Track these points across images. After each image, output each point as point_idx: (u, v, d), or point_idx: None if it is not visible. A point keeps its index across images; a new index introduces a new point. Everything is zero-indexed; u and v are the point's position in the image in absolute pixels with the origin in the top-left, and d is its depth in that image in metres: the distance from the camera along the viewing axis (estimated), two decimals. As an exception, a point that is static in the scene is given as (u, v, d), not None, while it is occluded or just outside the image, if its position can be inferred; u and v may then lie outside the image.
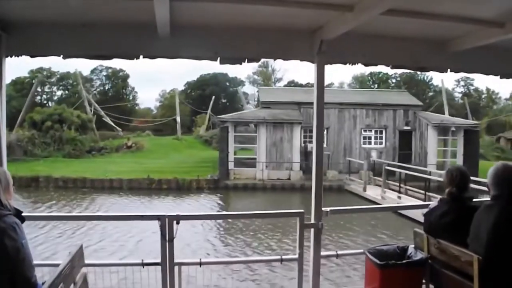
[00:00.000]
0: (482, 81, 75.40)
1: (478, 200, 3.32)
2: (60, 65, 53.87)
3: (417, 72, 48.08)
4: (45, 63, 52.20)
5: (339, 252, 3.97)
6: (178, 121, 40.31)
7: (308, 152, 24.25)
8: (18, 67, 49.39)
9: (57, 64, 54.37)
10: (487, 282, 2.59)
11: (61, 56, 3.30)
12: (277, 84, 58.90)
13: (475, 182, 10.72)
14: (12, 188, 2.46)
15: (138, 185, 22.11)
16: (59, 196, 19.80)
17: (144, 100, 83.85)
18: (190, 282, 3.50)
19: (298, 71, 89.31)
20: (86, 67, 57.59)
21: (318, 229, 3.58)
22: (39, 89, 53.09)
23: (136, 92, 59.49)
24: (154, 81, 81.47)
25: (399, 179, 17.84)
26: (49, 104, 48.71)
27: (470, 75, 44.10)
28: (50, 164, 25.79)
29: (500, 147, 35.54)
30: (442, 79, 44.93)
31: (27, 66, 54.81)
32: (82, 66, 62.21)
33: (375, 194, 17.89)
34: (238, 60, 3.57)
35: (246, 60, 3.57)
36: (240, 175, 23.48)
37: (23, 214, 2.46)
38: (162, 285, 3.37)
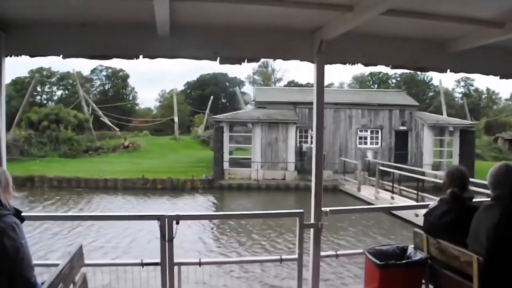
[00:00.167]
0: (482, 81, 75.52)
1: (478, 200, 3.32)
2: (60, 65, 53.96)
3: (417, 72, 48.12)
4: (45, 63, 52.26)
5: (339, 252, 3.96)
6: (176, 121, 40.40)
7: (303, 152, 24.30)
8: (18, 67, 49.44)
9: (57, 64, 54.47)
10: (488, 283, 2.58)
11: (60, 56, 3.30)
12: (277, 84, 58.97)
13: (471, 183, 10.66)
14: (11, 188, 2.46)
15: (132, 185, 22.12)
16: (54, 195, 19.73)
17: (144, 100, 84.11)
18: (183, 281, 3.49)
19: (298, 71, 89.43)
20: (86, 67, 57.63)
21: (318, 229, 3.58)
22: (39, 89, 53.13)
23: (136, 92, 59.69)
24: (154, 81, 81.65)
25: (393, 179, 17.74)
26: (49, 104, 48.70)
27: (470, 75, 44.19)
28: (46, 164, 25.78)
29: (498, 148, 35.44)
30: (440, 79, 44.94)
31: (27, 66, 54.88)
32: (82, 66, 62.23)
33: (369, 194, 17.90)
34: (238, 60, 3.57)
35: (246, 60, 3.57)
36: (235, 175, 23.48)
37: (22, 214, 2.46)
38: (161, 285, 3.37)
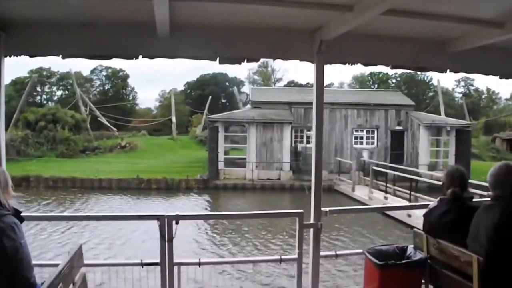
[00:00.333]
0: (482, 81, 75.55)
1: (478, 200, 3.32)
2: (59, 65, 53.94)
3: (417, 72, 48.12)
4: (45, 63, 52.26)
5: (338, 252, 3.97)
6: (174, 121, 40.49)
7: (298, 152, 24.33)
8: (18, 67, 49.47)
9: (56, 64, 54.47)
10: (488, 283, 2.58)
11: (60, 56, 3.30)
12: (277, 84, 58.97)
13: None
14: (11, 188, 2.46)
15: (127, 185, 22.12)
16: (50, 195, 19.75)
17: (144, 100, 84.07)
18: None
19: (298, 71, 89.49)
20: (86, 67, 57.61)
21: (318, 229, 3.58)
22: (39, 89, 53.17)
23: (136, 92, 59.66)
24: (154, 81, 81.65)
25: (389, 179, 17.69)
26: (49, 104, 48.68)
27: (470, 75, 44.19)
28: (43, 164, 25.77)
29: (496, 148, 35.34)
30: (438, 79, 44.92)
31: (27, 66, 54.88)
32: (82, 66, 62.28)
33: (363, 195, 17.90)
34: (238, 60, 3.57)
35: (246, 60, 3.57)
36: (230, 175, 23.46)
37: (22, 214, 2.45)
38: (161, 285, 3.37)
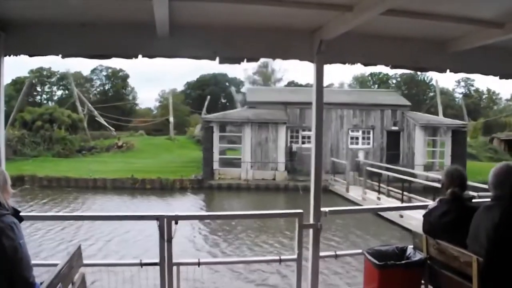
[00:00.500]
0: (483, 81, 75.61)
1: (478, 201, 3.31)
2: (60, 65, 53.99)
3: (417, 73, 48.17)
4: (45, 63, 52.29)
5: (338, 253, 3.96)
6: (171, 121, 40.56)
7: (293, 152, 24.30)
8: (18, 67, 49.54)
9: (57, 64, 54.49)
10: (488, 283, 2.58)
11: (60, 55, 3.30)
12: (277, 84, 58.93)
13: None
14: (10, 187, 2.45)
15: (121, 184, 22.15)
16: (45, 195, 19.71)
17: (144, 100, 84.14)
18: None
19: (298, 71, 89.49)
20: (86, 67, 57.62)
21: (317, 229, 3.58)
22: (39, 89, 53.22)
23: (136, 92, 59.68)
24: (154, 81, 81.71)
25: (385, 180, 17.63)
26: (49, 103, 48.70)
27: (470, 75, 44.19)
28: (39, 164, 25.78)
29: (493, 148, 35.23)
30: (436, 79, 44.91)
31: (27, 66, 54.90)
32: (83, 66, 62.29)
33: (357, 195, 17.89)
34: (237, 60, 3.57)
35: (245, 60, 3.56)
36: (225, 175, 23.46)
37: (21, 214, 2.45)
38: (160, 285, 3.37)
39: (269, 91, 34.89)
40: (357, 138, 25.81)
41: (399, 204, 14.40)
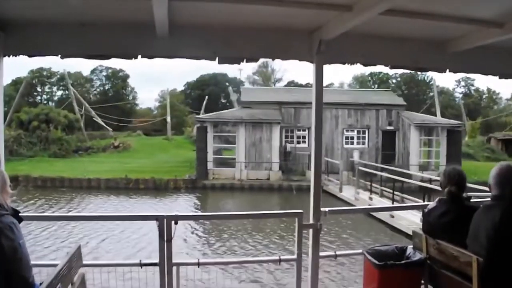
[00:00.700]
0: (483, 81, 75.63)
1: (477, 201, 3.31)
2: (60, 65, 53.85)
3: (417, 72, 48.11)
4: (45, 63, 52.29)
5: (338, 253, 3.96)
6: (168, 121, 40.63)
7: (288, 152, 24.29)
8: (18, 67, 49.55)
9: (57, 64, 54.45)
10: (488, 283, 2.58)
11: (59, 55, 3.30)
12: (277, 84, 58.97)
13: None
14: (9, 187, 2.45)
15: (115, 184, 22.16)
16: (39, 195, 19.66)
17: (145, 100, 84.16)
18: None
19: (297, 71, 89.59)
20: (86, 68, 57.63)
21: (317, 229, 3.58)
22: (39, 89, 53.23)
23: (136, 92, 59.67)
24: (154, 81, 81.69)
25: (379, 180, 17.55)
26: (49, 104, 48.70)
27: (470, 75, 44.17)
28: (35, 164, 25.76)
29: (491, 148, 35.02)
30: (434, 79, 44.81)
31: (27, 66, 54.92)
32: (83, 66, 62.25)
33: (350, 195, 17.90)
34: (237, 60, 3.56)
35: (245, 60, 3.56)
36: (219, 175, 23.46)
37: (20, 214, 2.45)
38: (160, 285, 3.37)
39: (264, 91, 34.90)
40: (352, 138, 25.75)
41: (390, 204, 14.46)
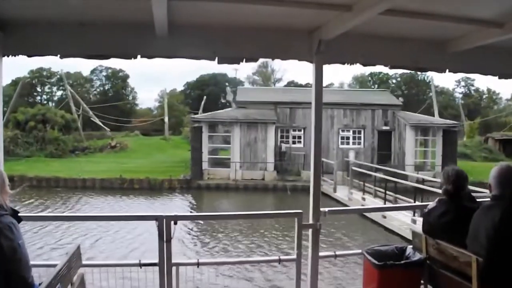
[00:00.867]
0: (483, 81, 75.61)
1: (477, 201, 3.31)
2: (60, 65, 53.80)
3: (417, 73, 48.13)
4: (45, 63, 52.26)
5: (337, 253, 3.95)
6: (166, 121, 40.67)
7: (283, 152, 24.28)
8: (18, 67, 49.57)
9: (57, 64, 54.38)
10: (488, 283, 2.58)
11: (58, 55, 3.29)
12: (276, 85, 58.96)
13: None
14: (8, 188, 2.45)
15: (110, 184, 22.19)
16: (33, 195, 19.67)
17: (145, 100, 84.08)
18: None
19: (297, 71, 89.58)
20: (86, 68, 57.58)
21: (316, 229, 3.58)
22: (39, 89, 53.23)
23: (136, 92, 59.66)
24: (154, 81, 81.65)
25: (364, 181, 17.55)
26: (49, 104, 48.70)
27: (469, 75, 44.14)
28: (32, 164, 25.76)
29: (488, 148, 34.88)
30: (432, 77, 44.70)
31: (28, 66, 54.91)
32: (83, 66, 62.22)
33: (344, 195, 17.91)
34: (236, 60, 3.56)
35: (244, 59, 3.55)
36: (214, 175, 23.45)
37: (19, 214, 2.45)
38: (159, 285, 3.36)
39: (259, 91, 34.93)
40: (347, 138, 25.70)
41: (383, 204, 14.50)
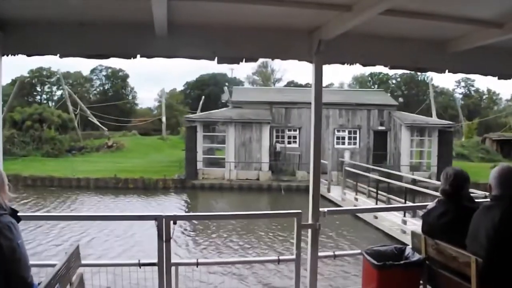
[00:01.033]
0: (483, 82, 75.52)
1: (476, 201, 3.31)
2: (59, 65, 53.84)
3: (417, 73, 48.05)
4: (45, 63, 52.19)
5: (337, 253, 3.95)
6: (163, 121, 40.64)
7: (277, 152, 24.26)
8: (19, 66, 49.56)
9: (56, 63, 54.34)
10: (487, 284, 2.58)
11: (58, 55, 3.29)
12: (276, 85, 58.94)
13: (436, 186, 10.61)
14: (7, 187, 2.44)
15: (104, 184, 22.19)
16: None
17: (145, 100, 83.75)
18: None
19: (297, 71, 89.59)
20: (86, 67, 57.54)
21: (316, 229, 3.58)
22: (39, 88, 53.19)
23: (135, 92, 59.60)
24: (154, 81, 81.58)
25: (357, 181, 17.51)
26: (49, 104, 48.64)
27: (469, 75, 44.09)
28: (28, 163, 25.72)
29: (485, 148, 34.77)
30: (431, 78, 44.69)
31: (28, 66, 54.84)
32: (82, 66, 62.23)
33: (337, 196, 17.93)
34: (236, 60, 3.56)
35: (244, 59, 3.54)
36: (209, 175, 23.45)
37: (19, 214, 2.44)
38: (158, 285, 3.36)
39: (254, 91, 34.94)
40: (343, 138, 25.64)
41: (375, 204, 14.49)
